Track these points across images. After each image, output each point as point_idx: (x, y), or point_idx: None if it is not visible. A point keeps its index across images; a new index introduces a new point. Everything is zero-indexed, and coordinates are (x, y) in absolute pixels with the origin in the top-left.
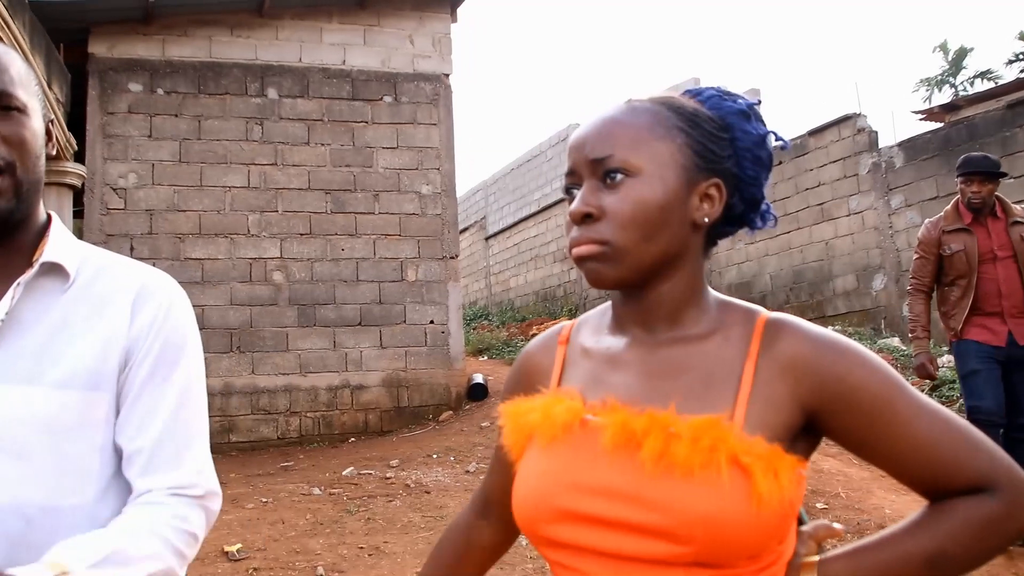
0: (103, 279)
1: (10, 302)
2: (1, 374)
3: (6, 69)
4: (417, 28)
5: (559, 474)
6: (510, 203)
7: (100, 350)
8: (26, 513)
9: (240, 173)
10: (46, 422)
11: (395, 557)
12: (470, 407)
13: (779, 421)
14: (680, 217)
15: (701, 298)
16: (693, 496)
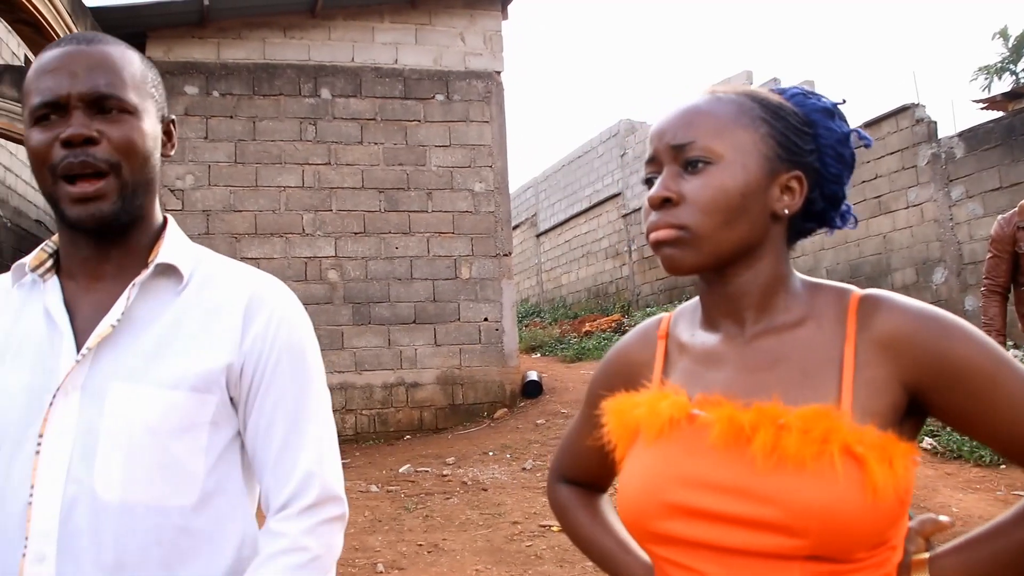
0: (217, 282)
1: (126, 302)
2: (113, 372)
3: (118, 71)
4: (468, 26)
5: (668, 469)
6: (561, 200)
7: (210, 353)
8: (132, 511)
9: (294, 173)
10: (154, 422)
11: (454, 555)
12: (524, 404)
13: (885, 404)
14: (760, 206)
15: (788, 285)
16: (807, 488)
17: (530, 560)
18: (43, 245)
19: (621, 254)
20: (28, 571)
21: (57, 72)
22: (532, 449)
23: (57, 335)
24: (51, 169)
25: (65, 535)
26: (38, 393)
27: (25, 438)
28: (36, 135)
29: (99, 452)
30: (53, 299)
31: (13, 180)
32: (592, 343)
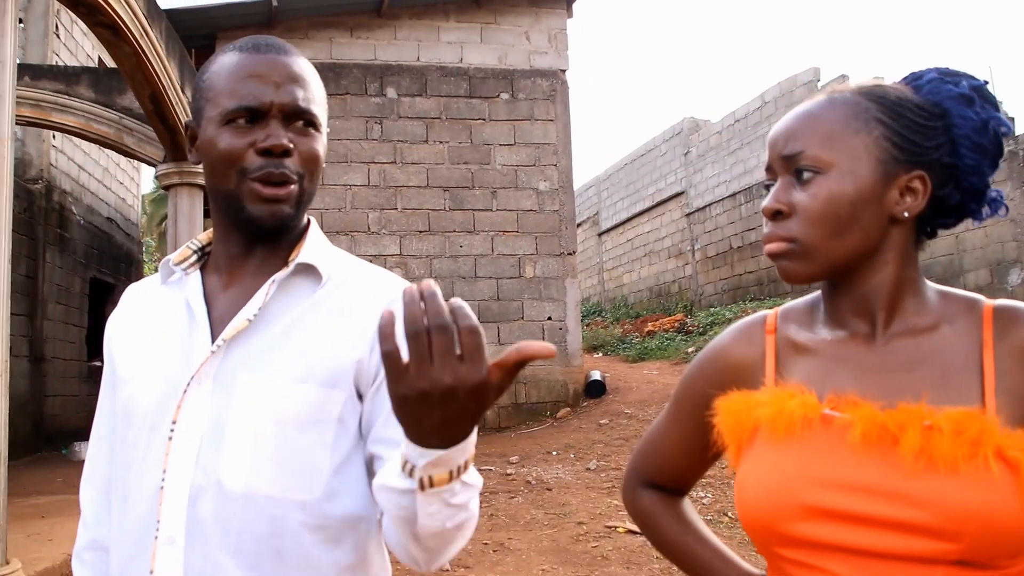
0: (353, 283)
1: (263, 298)
2: (243, 363)
3: (310, 86)
4: (533, 24)
5: (802, 470)
6: (623, 198)
7: (342, 350)
8: (255, 502)
9: (360, 172)
10: (280, 414)
11: (520, 554)
12: (588, 404)
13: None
14: (875, 212)
15: (918, 289)
16: (962, 491)
17: (596, 561)
18: (188, 243)
19: (684, 253)
20: (160, 552)
21: (261, 79)
22: (596, 449)
23: (195, 326)
24: (242, 171)
25: (191, 520)
26: (175, 381)
27: (160, 423)
28: (228, 137)
29: (226, 441)
30: (193, 292)
31: (87, 179)
32: (655, 343)
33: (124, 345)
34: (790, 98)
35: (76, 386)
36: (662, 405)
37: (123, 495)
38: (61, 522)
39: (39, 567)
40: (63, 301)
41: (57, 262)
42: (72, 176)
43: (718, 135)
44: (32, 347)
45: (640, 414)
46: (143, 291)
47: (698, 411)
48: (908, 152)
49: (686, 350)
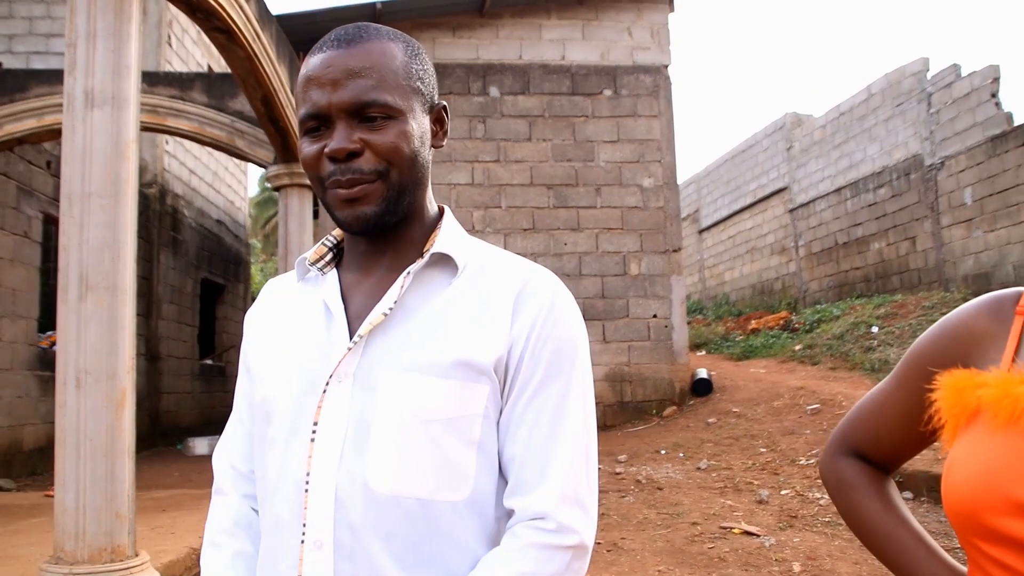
0: (489, 272)
1: (399, 291)
2: (384, 360)
3: (380, 72)
4: (635, 20)
5: (1017, 461)
6: (724, 195)
7: (481, 342)
8: (405, 506)
9: (464, 171)
10: (424, 412)
11: (634, 554)
12: (694, 402)
13: None
14: None
15: None
16: None
17: (713, 563)
18: (323, 240)
19: (787, 250)
20: (308, 557)
21: (320, 82)
22: (705, 448)
23: (332, 323)
24: (320, 180)
25: (340, 524)
26: (313, 379)
27: (301, 424)
28: (306, 146)
29: (371, 442)
30: (330, 289)
31: (197, 183)
32: (759, 341)
33: (260, 342)
34: (897, 89)
35: (189, 383)
36: (771, 404)
37: (266, 494)
38: (181, 516)
39: (165, 559)
40: (176, 301)
41: (170, 263)
42: (184, 180)
43: (822, 129)
44: (148, 346)
45: (749, 413)
46: (280, 288)
47: (926, 379)
48: None
49: (792, 348)
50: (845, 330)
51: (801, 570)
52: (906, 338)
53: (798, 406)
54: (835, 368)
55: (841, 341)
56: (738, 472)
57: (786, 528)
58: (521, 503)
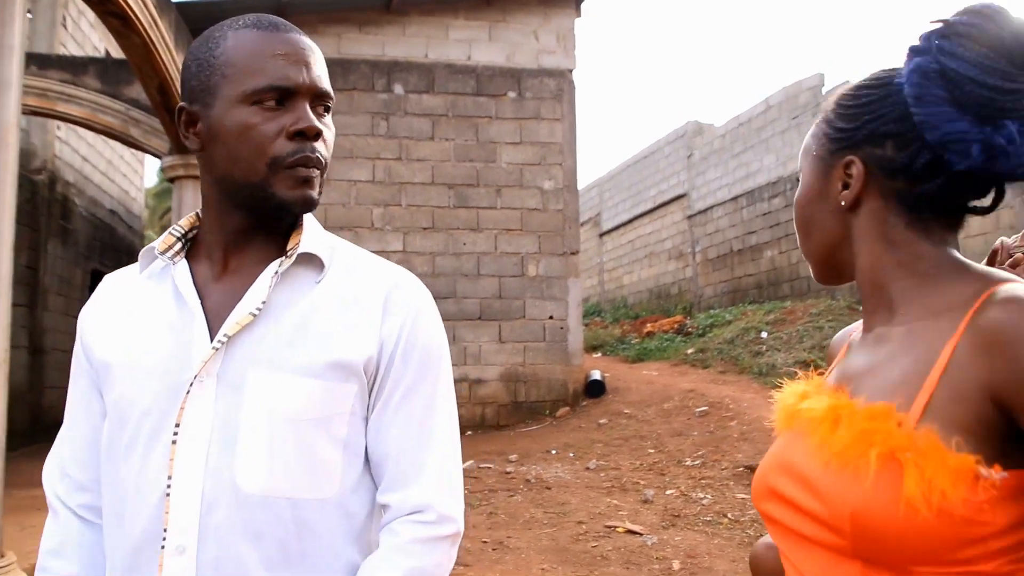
0: (356, 273)
1: (267, 290)
2: (252, 360)
3: (324, 67)
4: (542, 24)
5: (778, 454)
6: (625, 200)
7: (352, 343)
8: (275, 507)
9: (365, 168)
10: (295, 411)
11: (519, 552)
12: (587, 403)
13: (965, 412)
14: (824, 207)
15: (911, 279)
16: (845, 487)
17: (596, 561)
18: (170, 229)
19: (685, 255)
20: (168, 564)
21: (291, 58)
22: (595, 449)
23: (188, 320)
24: (274, 160)
25: (206, 528)
26: (172, 380)
27: (161, 427)
28: (256, 121)
29: (240, 443)
30: (184, 282)
31: (90, 171)
32: (654, 344)
33: (106, 340)
34: (794, 103)
35: None
36: (661, 406)
37: (118, 503)
38: None
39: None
40: (64, 292)
41: (59, 253)
42: (76, 168)
43: (721, 138)
44: (32, 338)
45: (639, 414)
46: (122, 282)
47: None
48: (838, 140)
49: (685, 351)
50: (736, 335)
51: (680, 567)
52: (793, 343)
53: (687, 408)
54: (725, 372)
55: (732, 345)
56: (626, 472)
57: (668, 527)
58: (399, 497)
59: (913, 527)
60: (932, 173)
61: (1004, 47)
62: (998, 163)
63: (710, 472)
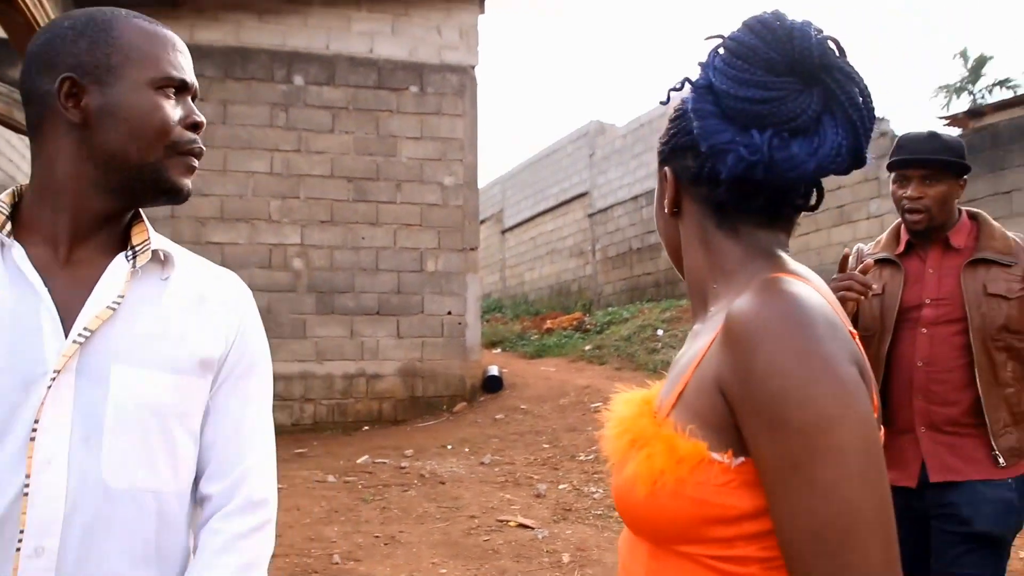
0: (195, 272)
1: (123, 284)
2: (113, 354)
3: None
4: (445, 19)
5: None
6: (528, 197)
7: (205, 340)
8: (140, 500)
9: (263, 159)
10: (159, 405)
11: (411, 547)
12: (484, 399)
13: (703, 403)
14: (663, 215)
15: (721, 278)
16: (616, 473)
17: (487, 555)
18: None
19: (585, 253)
20: (25, 567)
21: (184, 55)
22: (491, 444)
23: (33, 309)
24: (172, 145)
25: (69, 526)
26: (25, 373)
27: (15, 423)
28: (162, 104)
29: (106, 438)
30: (26, 267)
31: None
32: (553, 340)
33: None
34: None
35: None
36: (557, 402)
37: None
38: None
39: None
40: None
41: None
42: None
43: (623, 139)
44: None
45: (535, 410)
46: None
47: None
48: (660, 155)
49: (583, 348)
50: (633, 332)
51: (570, 560)
52: None
53: (583, 404)
54: (621, 368)
55: (628, 343)
56: (520, 467)
57: (560, 521)
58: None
59: (648, 506)
60: (717, 181)
61: (764, 57)
62: (756, 171)
63: (603, 467)
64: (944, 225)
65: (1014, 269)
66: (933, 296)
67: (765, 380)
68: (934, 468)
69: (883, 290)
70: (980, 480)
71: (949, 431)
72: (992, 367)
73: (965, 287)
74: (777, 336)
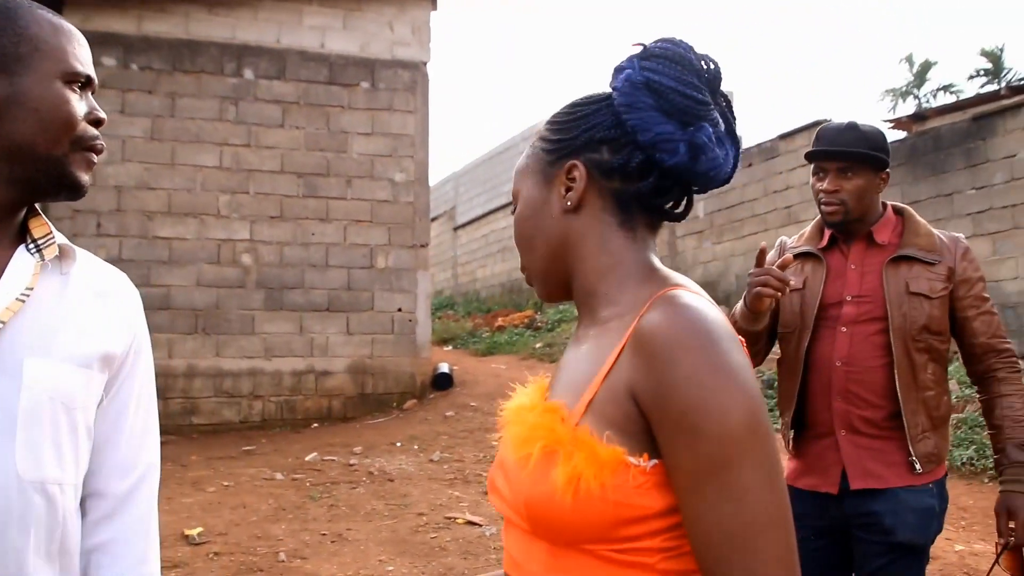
0: (93, 269)
1: (32, 277)
2: (24, 346)
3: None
4: (397, 15)
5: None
6: (480, 194)
7: (110, 335)
8: (48, 493)
9: (212, 153)
10: (69, 398)
11: (358, 544)
12: (434, 396)
13: (616, 410)
14: (548, 216)
15: (614, 280)
16: (520, 477)
17: (434, 552)
18: None
19: None
20: None
21: (86, 50)
22: (440, 441)
23: None
24: (77, 139)
25: None
26: None
27: None
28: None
29: (20, 430)
30: None
31: None
32: (504, 338)
33: None
34: None
35: None
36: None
37: None
38: None
39: None
40: None
41: None
42: None
43: None
44: None
45: (486, 407)
46: None
47: None
48: (557, 150)
49: (534, 345)
50: None
51: None
52: None
53: None
54: None
55: None
56: (469, 464)
57: None
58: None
59: (572, 511)
60: (645, 172)
61: (693, 67)
62: (700, 161)
63: None
64: (865, 219)
65: (938, 267)
66: (854, 293)
67: (683, 392)
68: (855, 475)
69: (804, 285)
70: (902, 487)
71: (869, 434)
72: (912, 369)
73: (887, 285)
74: (690, 350)
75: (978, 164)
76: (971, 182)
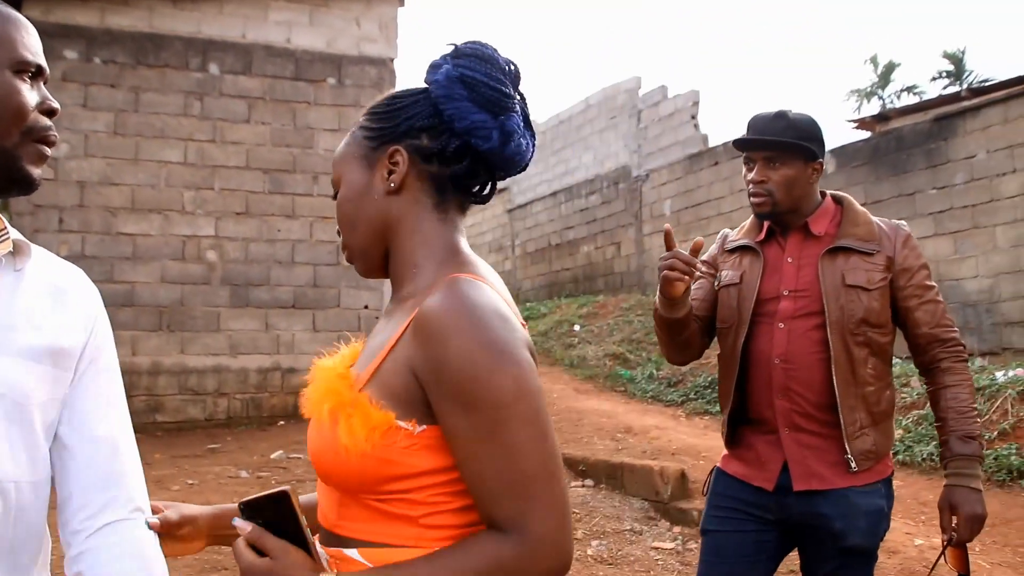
0: (49, 265)
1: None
2: None
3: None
4: (364, 11)
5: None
6: None
7: (67, 331)
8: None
9: (177, 148)
10: (22, 394)
11: None
12: None
13: (395, 381)
14: (371, 198)
15: (420, 260)
16: (311, 433)
17: None
18: None
19: (504, 248)
20: None
21: (37, 39)
22: None
23: None
24: (27, 130)
25: None
26: None
27: None
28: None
29: None
30: None
31: None
32: None
33: None
34: (612, 103)
35: None
36: None
37: None
38: None
39: None
40: None
41: None
42: None
43: (543, 135)
44: None
45: None
46: None
47: None
48: (378, 137)
49: None
50: (550, 327)
51: None
52: (604, 336)
53: None
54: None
55: (546, 338)
56: None
57: None
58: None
59: (347, 466)
60: (461, 156)
61: (499, 66)
62: (508, 146)
63: None
64: (799, 210)
65: (876, 258)
66: (791, 287)
67: (457, 368)
68: (798, 475)
69: (741, 280)
70: (849, 488)
71: (810, 431)
72: (850, 364)
73: (823, 278)
74: (460, 331)
75: (939, 164)
76: (932, 182)
